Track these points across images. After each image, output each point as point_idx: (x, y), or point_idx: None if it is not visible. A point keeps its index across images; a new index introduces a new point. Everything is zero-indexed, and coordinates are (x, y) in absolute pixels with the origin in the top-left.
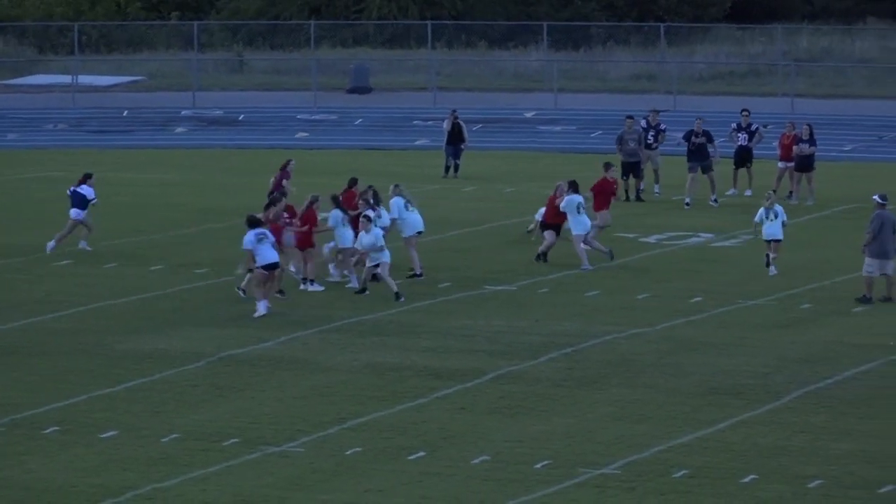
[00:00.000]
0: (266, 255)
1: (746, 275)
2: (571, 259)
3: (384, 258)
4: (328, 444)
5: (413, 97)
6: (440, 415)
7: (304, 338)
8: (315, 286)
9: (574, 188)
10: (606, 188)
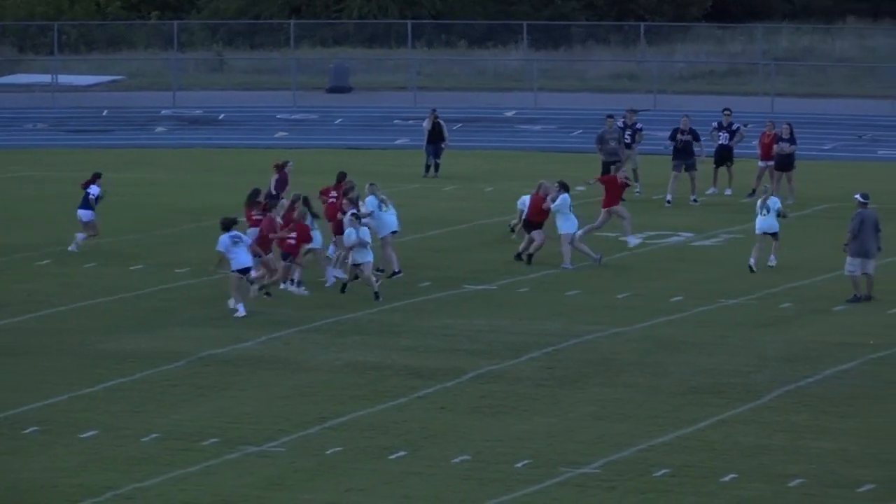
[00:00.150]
0: (239, 259)
1: (727, 274)
2: (551, 258)
3: (368, 258)
4: (309, 444)
5: (393, 97)
6: (421, 414)
7: (285, 337)
8: (301, 288)
9: (565, 188)
10: (615, 187)
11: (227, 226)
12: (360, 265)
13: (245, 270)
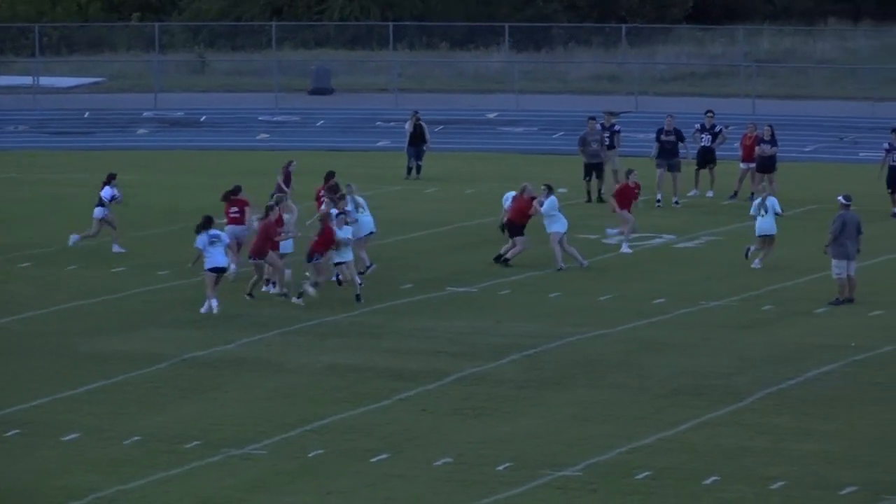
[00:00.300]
0: (215, 259)
1: (709, 276)
2: (532, 260)
3: (348, 257)
4: (291, 446)
5: (375, 98)
6: (403, 416)
7: (267, 340)
8: (271, 288)
9: (551, 190)
10: (627, 193)
11: (205, 225)
12: (340, 264)
13: (220, 270)
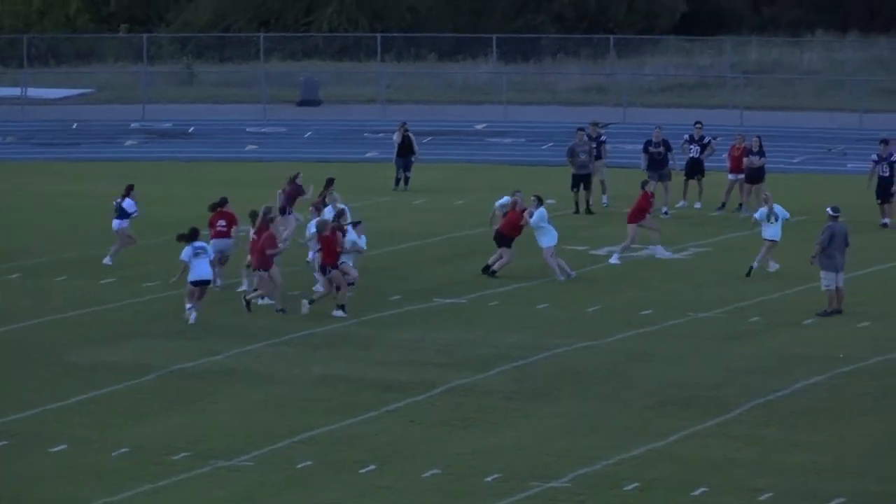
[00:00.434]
0: (198, 271)
1: (697, 287)
2: (521, 272)
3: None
4: (279, 458)
5: (363, 109)
6: (391, 428)
7: (255, 351)
8: (267, 300)
9: (540, 201)
10: (644, 206)
11: (190, 237)
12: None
13: (203, 283)
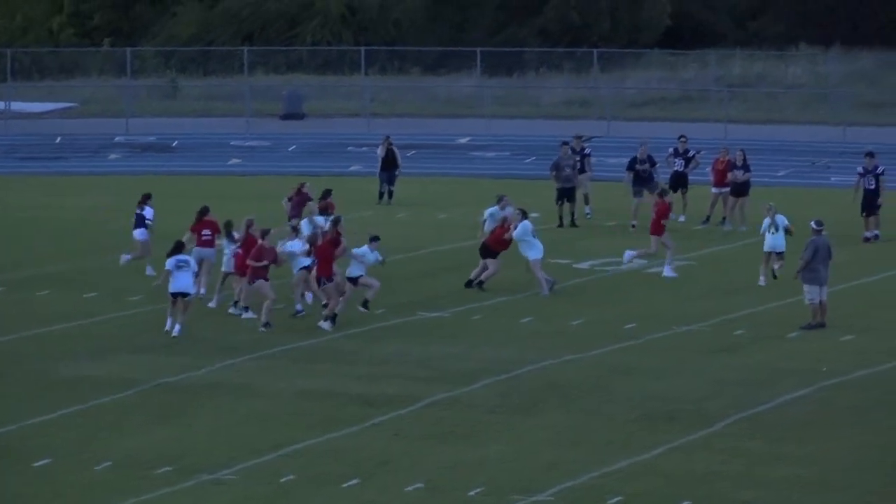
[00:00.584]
0: (178, 283)
1: (680, 300)
2: (504, 285)
3: (360, 271)
4: (262, 472)
5: (347, 123)
6: (374, 441)
7: (239, 364)
8: (249, 314)
9: (524, 215)
10: (663, 215)
11: (174, 250)
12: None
13: (178, 294)
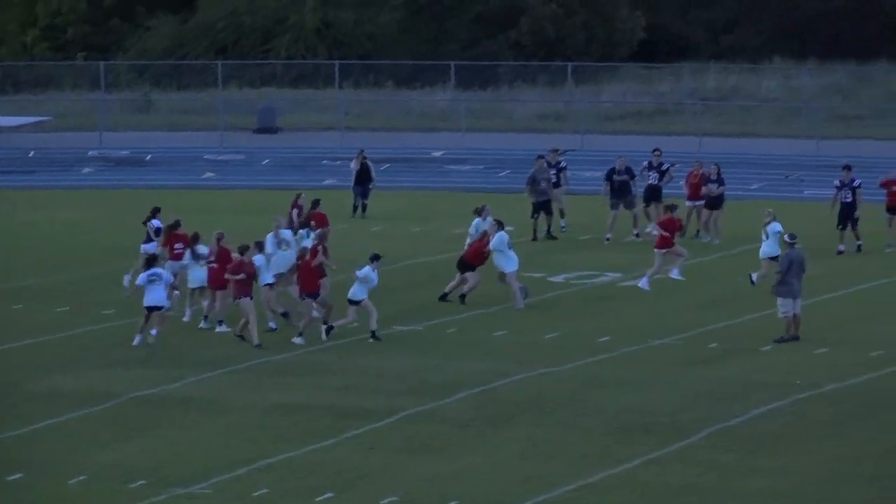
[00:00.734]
0: (150, 297)
1: (655, 313)
2: (479, 299)
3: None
4: (237, 485)
5: (321, 137)
6: (350, 455)
7: (213, 378)
8: (223, 327)
9: (501, 226)
10: (672, 226)
11: (147, 264)
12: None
13: (151, 308)
